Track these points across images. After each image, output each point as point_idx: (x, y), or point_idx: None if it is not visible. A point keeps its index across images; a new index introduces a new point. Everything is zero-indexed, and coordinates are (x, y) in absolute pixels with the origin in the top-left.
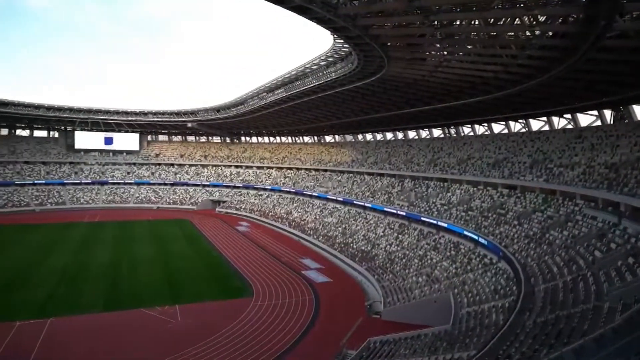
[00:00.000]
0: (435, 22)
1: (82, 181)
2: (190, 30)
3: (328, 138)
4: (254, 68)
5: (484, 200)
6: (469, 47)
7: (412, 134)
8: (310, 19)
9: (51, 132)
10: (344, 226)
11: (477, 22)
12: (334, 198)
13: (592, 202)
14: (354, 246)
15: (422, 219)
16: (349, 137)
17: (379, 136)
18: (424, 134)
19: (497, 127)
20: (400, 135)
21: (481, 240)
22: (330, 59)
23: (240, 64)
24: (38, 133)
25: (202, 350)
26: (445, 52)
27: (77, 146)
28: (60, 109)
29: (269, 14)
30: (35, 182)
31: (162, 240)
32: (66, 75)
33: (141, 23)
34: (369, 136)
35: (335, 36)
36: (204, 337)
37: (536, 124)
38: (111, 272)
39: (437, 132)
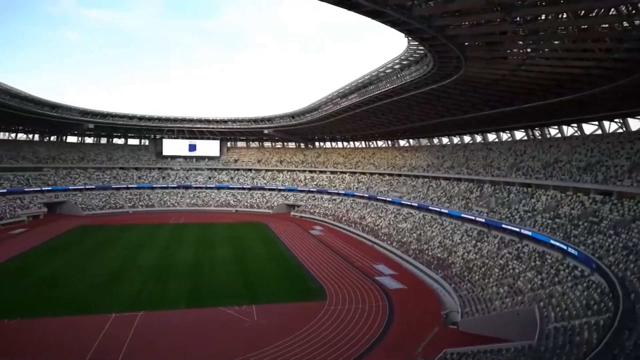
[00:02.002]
0: (518, 18)
1: (169, 185)
2: (264, 39)
3: (402, 142)
4: (325, 73)
5: (574, 207)
6: (556, 42)
7: (491, 137)
8: (384, 22)
9: (142, 140)
10: (418, 232)
11: (565, 16)
12: (409, 203)
13: None
14: (430, 253)
15: (503, 226)
16: (424, 141)
17: (455, 139)
18: (504, 136)
19: (589, 128)
20: (478, 138)
21: (571, 250)
22: (404, 62)
23: (313, 69)
24: (131, 141)
25: (278, 351)
26: (529, 49)
27: (164, 153)
28: (150, 118)
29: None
30: (129, 186)
31: (240, 242)
32: (152, 86)
33: (219, 34)
34: (445, 140)
35: (409, 38)
36: (279, 337)
37: (635, 124)
38: (193, 271)
39: (519, 134)
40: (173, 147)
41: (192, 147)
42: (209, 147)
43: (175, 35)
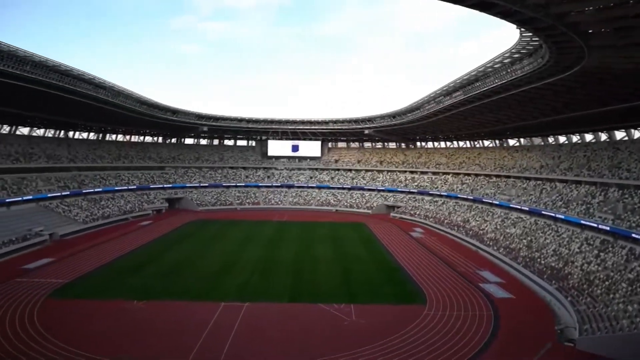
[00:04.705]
0: None
1: (273, 184)
2: (367, 44)
3: (511, 141)
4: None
5: None
6: None
7: (620, 134)
8: (494, 14)
9: (250, 142)
10: (529, 238)
11: None
12: (518, 207)
13: None
14: (542, 261)
15: (634, 235)
16: (537, 140)
17: (574, 138)
18: (637, 133)
19: None
20: (603, 136)
21: None
22: (515, 55)
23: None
24: (240, 142)
25: (375, 352)
26: None
27: (269, 153)
28: (257, 121)
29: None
30: (237, 184)
31: (339, 242)
32: (260, 90)
33: (325, 38)
34: (562, 138)
35: (521, 29)
36: (377, 339)
37: None
38: (295, 267)
39: None
40: (277, 147)
41: (295, 148)
42: (310, 148)
43: (284, 41)
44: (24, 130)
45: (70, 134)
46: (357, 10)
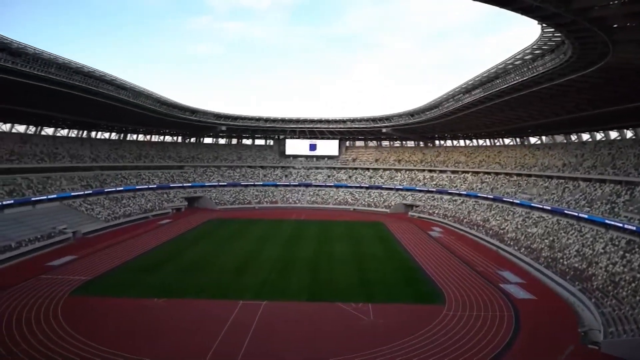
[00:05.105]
0: None
1: (291, 183)
2: (383, 42)
3: (533, 139)
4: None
5: None
6: None
7: None
8: (514, 10)
9: (267, 141)
10: (551, 238)
11: None
12: (540, 206)
13: None
14: (565, 262)
15: None
16: (559, 138)
17: (599, 135)
18: None
19: None
20: (629, 133)
21: None
22: (537, 52)
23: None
24: (258, 142)
25: (395, 352)
26: None
27: (287, 152)
28: (275, 120)
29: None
30: (255, 183)
31: (357, 240)
32: (271, 90)
33: (341, 38)
34: (585, 136)
35: (543, 25)
36: (396, 338)
37: None
38: (313, 266)
39: None
40: (295, 146)
41: (313, 147)
42: (328, 147)
43: (300, 40)
44: (49, 131)
45: (93, 134)
46: (372, 9)
